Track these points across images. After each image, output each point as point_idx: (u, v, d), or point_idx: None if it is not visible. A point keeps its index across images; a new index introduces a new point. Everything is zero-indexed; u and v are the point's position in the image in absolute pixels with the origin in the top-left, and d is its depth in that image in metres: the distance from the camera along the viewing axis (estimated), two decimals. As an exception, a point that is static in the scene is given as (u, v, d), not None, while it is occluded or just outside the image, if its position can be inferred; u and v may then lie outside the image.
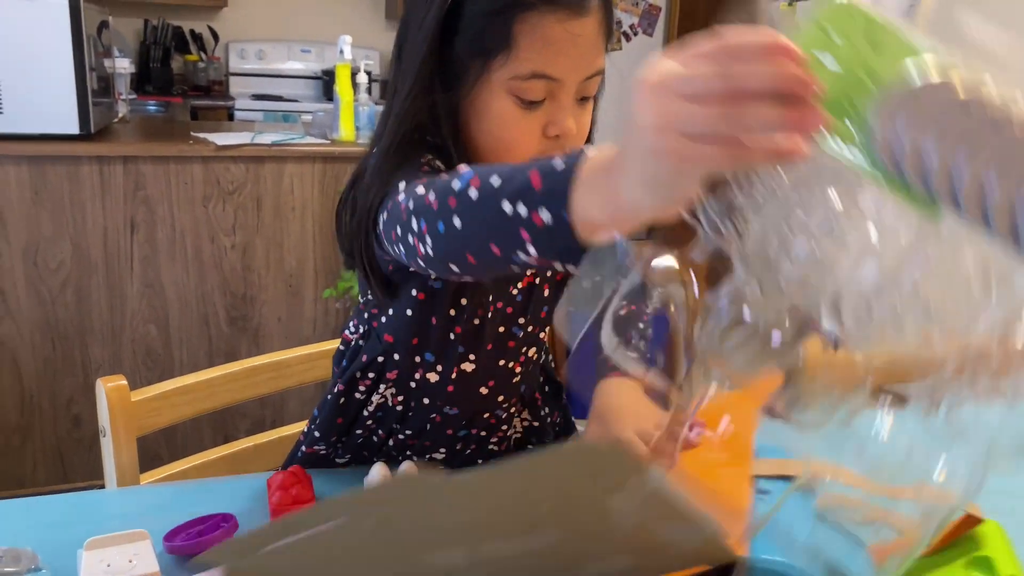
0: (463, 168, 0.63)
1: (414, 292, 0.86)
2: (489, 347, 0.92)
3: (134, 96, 3.59)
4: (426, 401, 0.94)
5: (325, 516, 0.45)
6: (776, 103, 0.38)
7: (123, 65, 2.59)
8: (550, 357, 1.11)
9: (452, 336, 0.89)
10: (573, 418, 1.12)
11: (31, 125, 2.03)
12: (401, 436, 0.96)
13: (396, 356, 0.91)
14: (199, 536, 0.74)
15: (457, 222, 0.59)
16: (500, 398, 0.97)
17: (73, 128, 2.06)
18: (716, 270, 0.48)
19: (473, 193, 0.58)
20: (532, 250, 0.54)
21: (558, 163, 0.53)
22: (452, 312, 0.88)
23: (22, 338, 2.17)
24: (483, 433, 0.99)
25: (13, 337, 2.16)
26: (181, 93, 4.09)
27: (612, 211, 0.48)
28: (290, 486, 0.80)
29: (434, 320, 0.88)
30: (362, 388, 0.94)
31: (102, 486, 0.96)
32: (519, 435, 1.05)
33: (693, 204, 0.46)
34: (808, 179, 0.43)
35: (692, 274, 0.50)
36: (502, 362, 0.95)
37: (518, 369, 0.97)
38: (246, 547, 0.47)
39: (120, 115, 2.63)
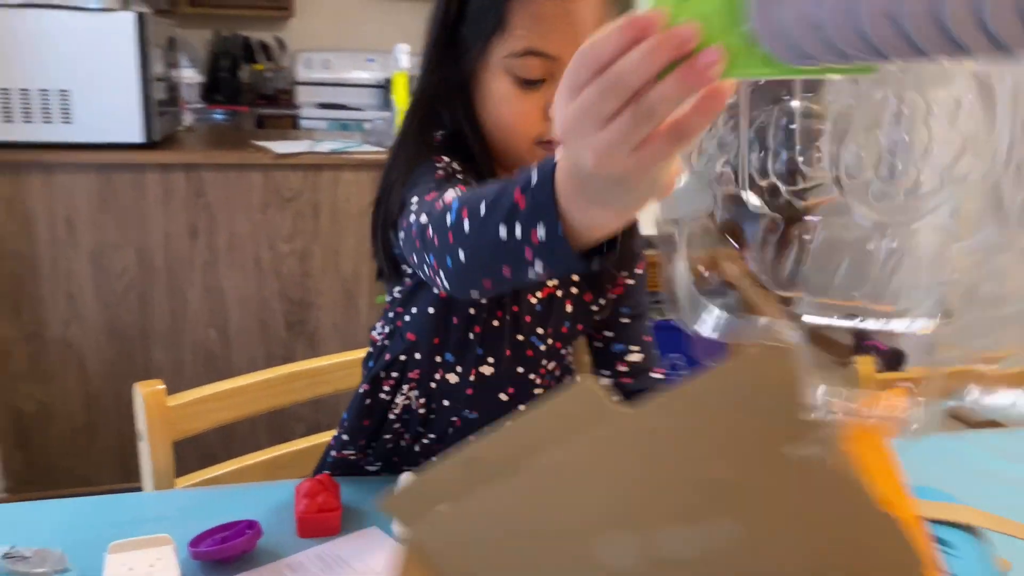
0: (449, 197, 0.63)
1: (436, 290, 0.84)
2: (508, 353, 0.92)
3: (202, 105, 3.69)
4: (446, 403, 0.94)
5: (493, 452, 0.43)
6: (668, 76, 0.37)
7: (189, 75, 2.67)
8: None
9: (471, 336, 0.89)
10: None
11: (98, 134, 2.11)
12: (426, 440, 0.96)
13: (418, 355, 0.92)
14: (223, 542, 0.75)
15: (462, 256, 0.59)
16: (520, 407, 0.97)
17: (138, 137, 2.13)
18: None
19: (466, 225, 0.58)
20: (539, 266, 0.53)
21: (533, 176, 0.51)
22: (472, 311, 0.88)
23: (88, 340, 2.24)
24: None
25: (80, 339, 2.24)
26: (248, 102, 4.19)
27: (592, 222, 0.48)
28: (316, 494, 0.79)
29: (455, 319, 0.89)
30: (386, 388, 0.94)
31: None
32: None
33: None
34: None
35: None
36: (521, 370, 0.94)
37: (538, 381, 0.96)
38: (422, 495, 0.45)
39: (186, 124, 2.70)
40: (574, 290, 0.93)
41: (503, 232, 0.53)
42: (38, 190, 2.11)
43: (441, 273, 0.62)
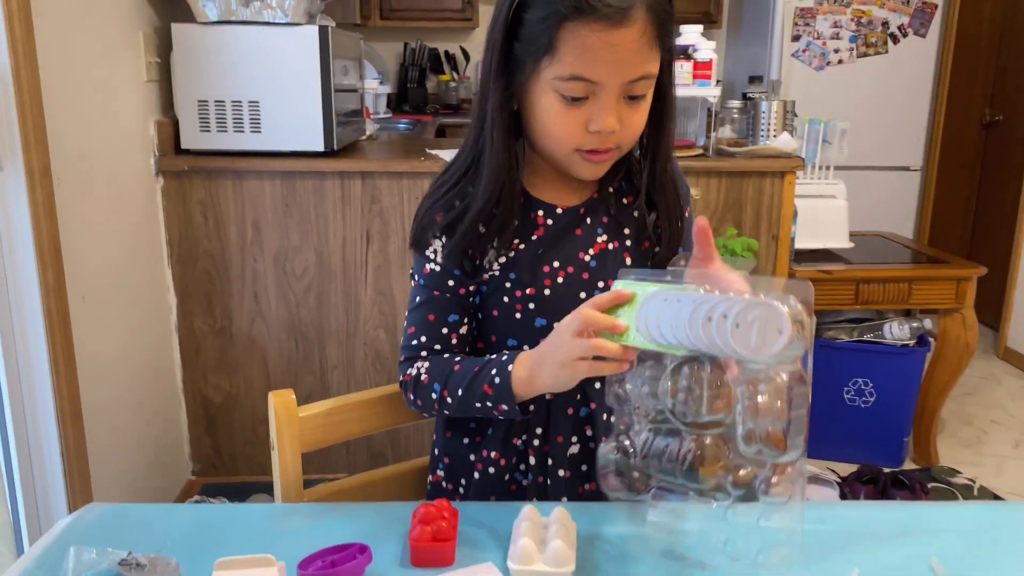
0: (424, 375, 0.97)
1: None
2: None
3: (390, 115, 3.84)
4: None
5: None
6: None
7: (372, 86, 2.77)
8: None
9: (534, 321, 1.00)
10: None
11: (283, 143, 2.22)
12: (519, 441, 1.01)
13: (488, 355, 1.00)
14: (332, 566, 0.73)
15: (447, 413, 0.98)
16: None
17: (319, 146, 2.22)
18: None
19: (449, 400, 0.95)
20: (501, 419, 0.97)
21: (495, 378, 0.91)
22: (529, 291, 0.99)
23: (270, 336, 2.38)
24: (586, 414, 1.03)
25: (264, 336, 2.38)
26: (432, 112, 4.32)
27: (534, 392, 0.91)
28: (432, 520, 0.76)
29: (517, 313, 0.99)
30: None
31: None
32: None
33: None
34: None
35: None
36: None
37: None
38: None
39: (368, 133, 2.81)
40: (628, 243, 1.01)
41: (478, 406, 0.93)
42: (230, 195, 2.26)
43: (430, 414, 1.01)
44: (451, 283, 0.98)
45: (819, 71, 4.02)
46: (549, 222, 0.99)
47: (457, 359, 0.96)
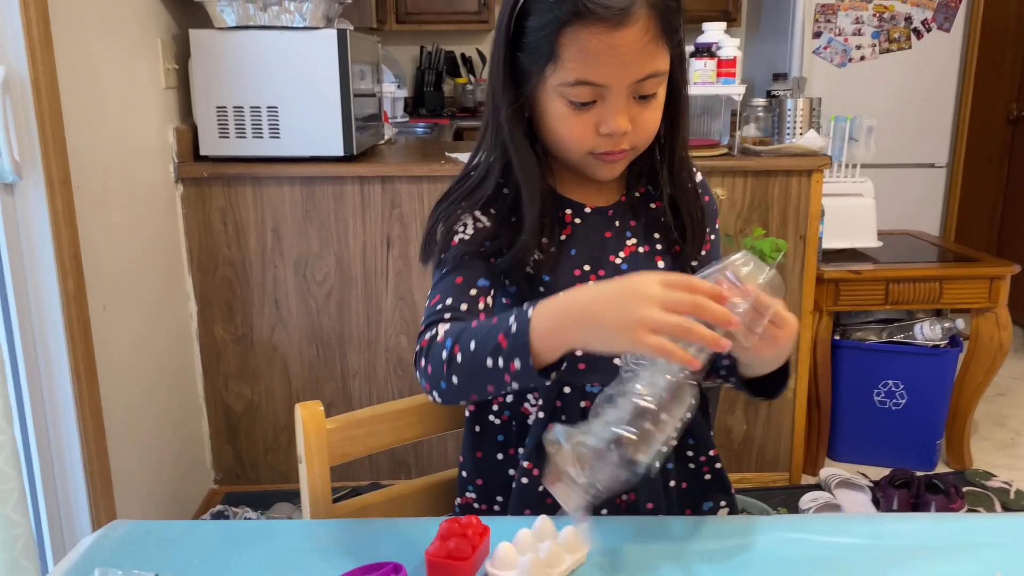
0: (440, 333, 0.84)
1: (504, 300, 0.97)
2: None
3: (407, 119, 3.82)
4: (558, 404, 0.96)
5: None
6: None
7: (390, 90, 2.75)
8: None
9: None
10: None
11: (303, 148, 2.20)
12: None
13: None
14: (365, 586, 0.70)
15: (455, 380, 0.82)
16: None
17: (338, 150, 2.20)
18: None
19: (459, 358, 0.81)
20: (514, 385, 0.79)
21: (512, 325, 0.78)
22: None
23: (292, 344, 2.36)
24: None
25: (285, 343, 2.36)
26: (450, 115, 4.30)
27: (558, 351, 0.77)
28: (451, 536, 0.73)
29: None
30: (494, 408, 0.95)
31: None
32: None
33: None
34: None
35: None
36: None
37: None
38: None
39: (386, 137, 2.79)
40: (659, 246, 0.98)
41: (489, 363, 0.78)
42: (249, 201, 2.25)
43: (435, 393, 0.85)
44: (482, 248, 0.92)
45: (841, 68, 3.96)
46: (577, 221, 0.97)
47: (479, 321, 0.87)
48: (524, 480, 0.96)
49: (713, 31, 2.36)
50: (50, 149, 1.55)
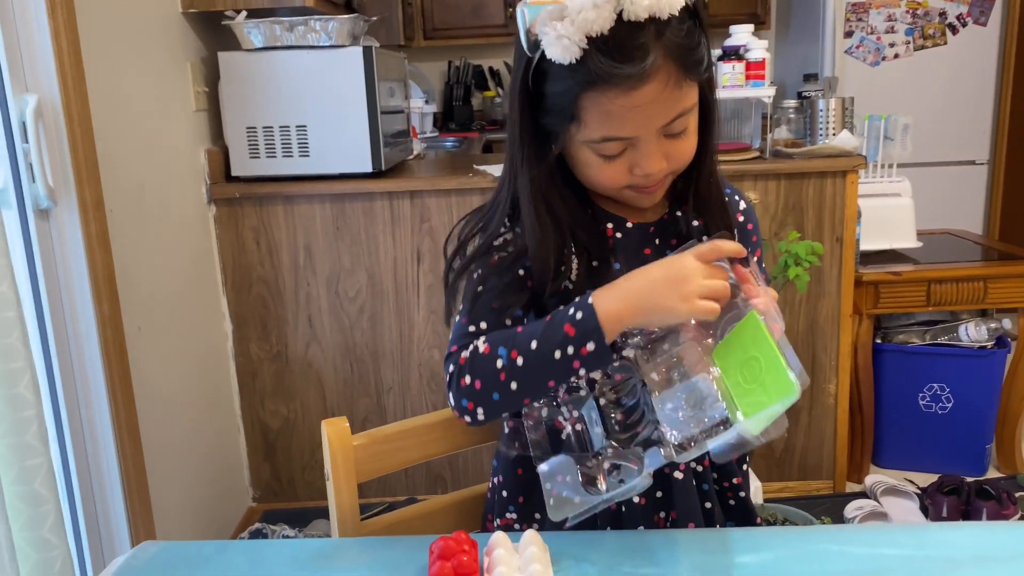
0: (483, 347, 0.86)
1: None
2: None
3: (436, 134, 3.83)
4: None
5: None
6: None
7: (418, 105, 2.76)
8: None
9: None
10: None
11: (332, 165, 2.21)
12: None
13: None
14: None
15: (514, 386, 0.84)
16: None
17: (367, 167, 2.21)
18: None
19: (520, 361, 0.84)
20: (581, 371, 0.83)
21: (576, 314, 0.82)
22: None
23: (326, 360, 2.36)
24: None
25: (319, 359, 2.37)
26: (479, 128, 4.30)
27: (616, 333, 0.81)
28: (451, 555, 0.71)
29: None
30: (530, 423, 0.90)
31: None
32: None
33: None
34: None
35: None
36: None
37: None
38: None
39: (415, 152, 2.79)
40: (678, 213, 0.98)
41: (558, 355, 0.82)
42: (281, 220, 2.26)
43: (480, 409, 0.86)
44: (520, 273, 0.91)
45: (874, 67, 3.89)
46: (618, 235, 0.95)
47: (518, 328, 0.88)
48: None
49: (741, 34, 2.33)
50: (83, 174, 1.57)
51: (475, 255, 0.95)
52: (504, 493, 0.98)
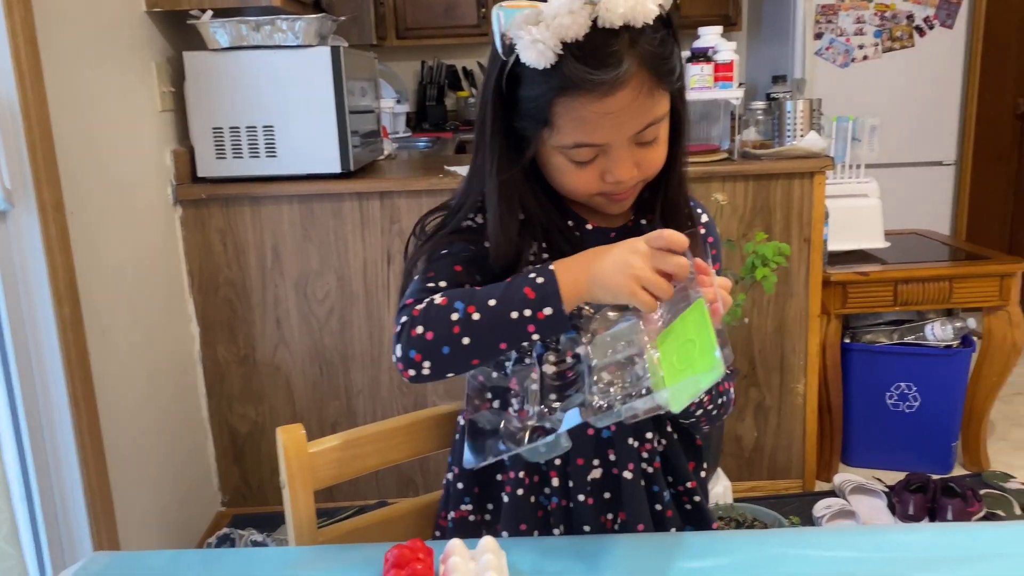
0: (439, 299, 0.84)
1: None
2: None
3: (409, 134, 3.82)
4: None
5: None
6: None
7: (389, 105, 2.74)
8: None
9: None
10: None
11: (300, 166, 2.20)
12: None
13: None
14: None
15: (465, 341, 0.82)
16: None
17: (336, 167, 2.19)
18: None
19: (476, 316, 0.82)
20: (535, 336, 0.82)
21: (537, 278, 0.82)
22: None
23: (295, 363, 2.34)
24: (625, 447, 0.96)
25: (287, 362, 2.34)
26: (452, 128, 4.29)
27: (573, 304, 0.82)
28: (406, 563, 0.70)
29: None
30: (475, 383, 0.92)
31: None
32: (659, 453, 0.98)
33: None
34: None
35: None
36: None
37: None
38: None
39: (386, 152, 2.78)
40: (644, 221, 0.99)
41: (515, 315, 0.81)
42: (248, 221, 2.24)
43: (427, 363, 0.83)
44: (485, 244, 0.92)
45: (844, 68, 3.93)
46: (576, 234, 0.95)
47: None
48: (519, 492, 0.93)
49: (709, 35, 2.34)
50: (42, 176, 1.55)
51: (441, 231, 0.95)
52: (460, 485, 0.97)
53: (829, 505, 2.25)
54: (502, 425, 0.84)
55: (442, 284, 0.89)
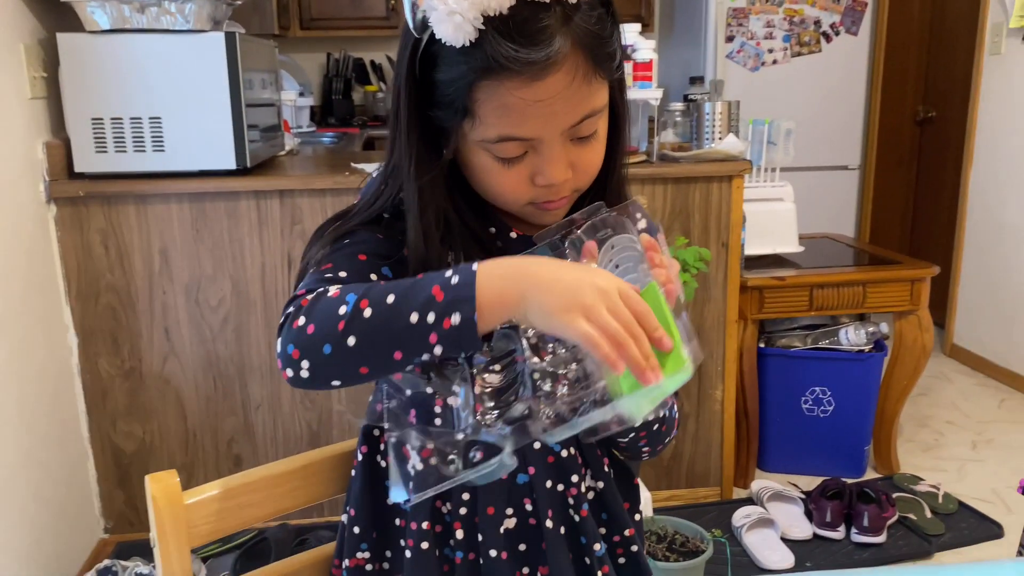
0: (333, 290, 0.69)
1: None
2: None
3: (313, 128, 3.63)
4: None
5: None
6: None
7: (291, 98, 2.57)
8: None
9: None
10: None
11: (191, 161, 2.01)
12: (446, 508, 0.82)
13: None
14: None
15: (351, 342, 0.66)
16: None
17: (230, 163, 2.02)
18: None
19: (367, 312, 0.66)
20: (438, 349, 0.65)
21: (452, 277, 0.66)
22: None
23: (186, 376, 2.16)
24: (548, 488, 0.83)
25: (177, 375, 2.15)
26: (360, 124, 4.12)
27: (497, 318, 0.66)
28: None
29: None
30: (390, 389, 0.76)
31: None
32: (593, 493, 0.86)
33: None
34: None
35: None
36: None
37: None
38: None
39: (288, 148, 2.61)
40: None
41: (414, 318, 0.65)
42: (133, 222, 2.04)
43: (305, 362, 0.68)
44: (390, 245, 0.79)
45: (754, 72, 3.96)
46: (499, 243, 0.82)
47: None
48: (424, 544, 0.81)
49: (628, 33, 2.27)
50: None
51: (345, 223, 0.81)
52: (356, 529, 0.84)
53: (748, 514, 2.21)
54: (432, 446, 0.70)
55: (342, 275, 0.74)
